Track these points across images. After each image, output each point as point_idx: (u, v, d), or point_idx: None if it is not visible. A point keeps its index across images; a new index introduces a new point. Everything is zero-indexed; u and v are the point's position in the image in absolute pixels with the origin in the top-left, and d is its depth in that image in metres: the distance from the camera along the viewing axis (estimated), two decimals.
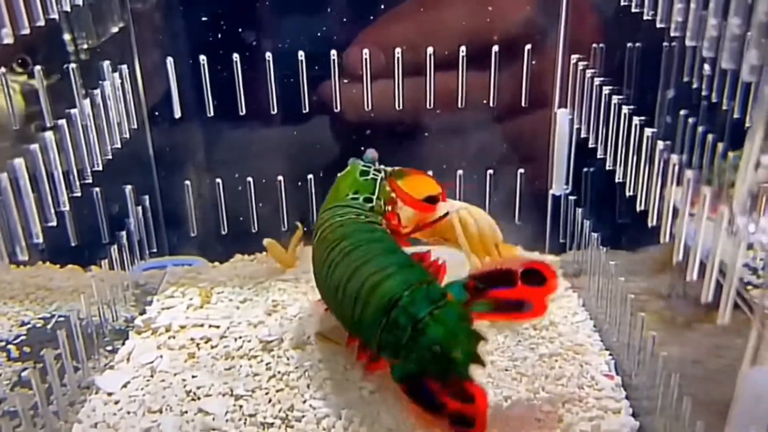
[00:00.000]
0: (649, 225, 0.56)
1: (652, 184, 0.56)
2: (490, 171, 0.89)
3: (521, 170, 0.89)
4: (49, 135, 0.59)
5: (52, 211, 0.59)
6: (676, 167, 0.52)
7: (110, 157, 0.73)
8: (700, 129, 0.51)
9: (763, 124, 0.38)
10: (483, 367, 0.56)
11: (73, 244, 0.69)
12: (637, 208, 0.60)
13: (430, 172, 0.82)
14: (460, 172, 0.89)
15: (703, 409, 0.50)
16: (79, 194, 0.65)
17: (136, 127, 0.80)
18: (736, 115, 0.45)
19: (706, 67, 0.47)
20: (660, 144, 0.55)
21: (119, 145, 0.75)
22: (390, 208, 0.72)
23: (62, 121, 0.62)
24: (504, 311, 0.59)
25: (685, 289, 0.51)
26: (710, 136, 0.49)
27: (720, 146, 0.48)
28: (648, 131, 0.57)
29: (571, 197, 0.84)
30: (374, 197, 0.70)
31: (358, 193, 0.70)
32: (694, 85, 0.50)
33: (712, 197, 0.47)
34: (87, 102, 0.68)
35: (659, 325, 0.58)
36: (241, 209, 0.90)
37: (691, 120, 0.52)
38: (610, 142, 0.68)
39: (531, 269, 0.58)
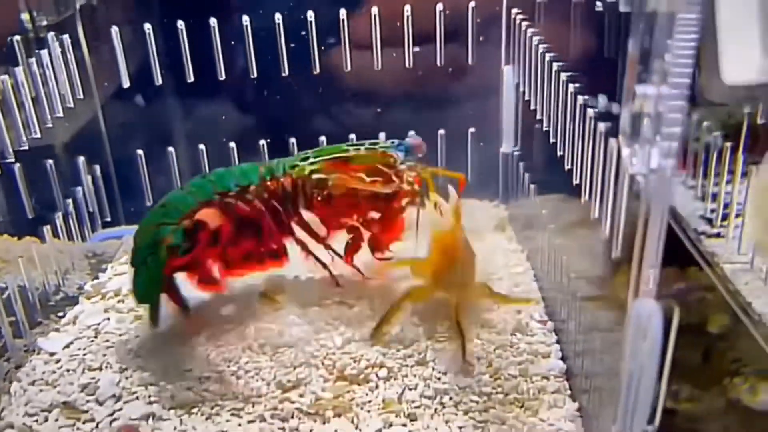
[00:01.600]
0: (574, 183, 0.56)
1: (568, 133, 0.57)
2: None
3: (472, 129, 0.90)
4: None
5: None
6: (590, 116, 0.52)
7: (51, 125, 0.74)
8: None
9: (636, 53, 0.39)
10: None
11: (19, 215, 0.70)
12: (558, 153, 0.60)
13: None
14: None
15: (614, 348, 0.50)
16: (12, 160, 0.66)
17: (81, 97, 0.81)
18: None
19: (598, 3, 0.47)
20: (571, 87, 0.55)
21: (61, 114, 0.76)
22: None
23: None
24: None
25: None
26: None
27: None
28: (563, 76, 0.58)
29: (515, 152, 0.84)
30: (311, 158, 0.71)
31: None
32: None
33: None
34: (20, 70, 0.68)
35: (581, 268, 0.59)
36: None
37: None
38: (537, 91, 0.69)
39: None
